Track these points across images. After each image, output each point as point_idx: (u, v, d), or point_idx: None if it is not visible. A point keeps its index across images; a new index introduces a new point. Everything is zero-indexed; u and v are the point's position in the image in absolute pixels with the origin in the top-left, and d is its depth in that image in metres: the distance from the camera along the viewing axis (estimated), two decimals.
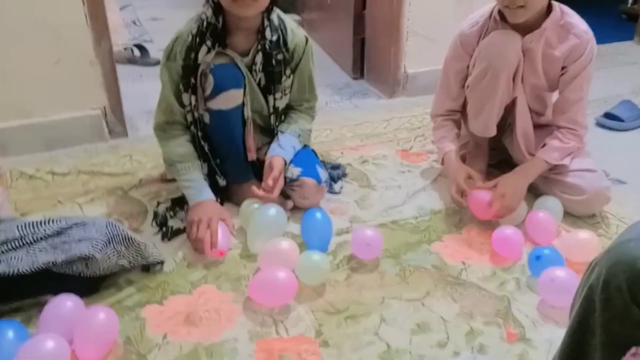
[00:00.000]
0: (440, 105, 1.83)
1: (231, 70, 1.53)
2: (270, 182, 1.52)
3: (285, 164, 1.59)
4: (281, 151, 1.60)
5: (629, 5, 3.54)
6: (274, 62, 1.55)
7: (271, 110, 1.62)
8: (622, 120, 2.24)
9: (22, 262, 1.23)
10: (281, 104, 1.63)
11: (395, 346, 1.21)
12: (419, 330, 1.25)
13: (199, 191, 1.54)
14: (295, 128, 1.66)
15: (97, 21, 1.97)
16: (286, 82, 1.60)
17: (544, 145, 1.66)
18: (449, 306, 1.32)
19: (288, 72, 1.59)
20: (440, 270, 1.44)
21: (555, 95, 1.73)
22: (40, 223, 1.32)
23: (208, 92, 1.52)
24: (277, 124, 1.66)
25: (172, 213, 1.60)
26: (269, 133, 1.68)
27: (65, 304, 1.19)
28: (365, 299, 1.34)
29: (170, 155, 1.59)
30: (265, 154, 1.62)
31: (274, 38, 1.54)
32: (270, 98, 1.61)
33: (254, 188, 1.53)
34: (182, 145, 1.58)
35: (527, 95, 1.68)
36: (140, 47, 3.00)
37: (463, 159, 1.84)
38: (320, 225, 1.50)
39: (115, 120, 2.11)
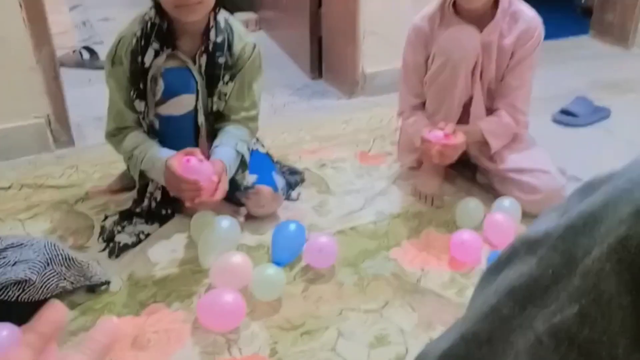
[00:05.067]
0: (405, 103, 1.80)
1: (182, 74, 1.46)
2: (215, 178, 1.33)
3: (226, 169, 1.42)
4: (221, 156, 1.44)
5: (582, 1, 3.57)
6: (214, 64, 1.48)
7: (209, 111, 1.53)
8: (576, 116, 2.25)
9: None
10: (218, 107, 1.53)
11: None
12: (377, 343, 1.22)
13: (162, 155, 1.39)
14: (230, 139, 1.49)
15: (37, 26, 1.87)
16: (223, 87, 1.50)
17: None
18: (408, 316, 1.29)
19: (227, 77, 1.50)
20: (399, 278, 1.41)
21: None
22: None
23: (158, 96, 1.45)
24: (215, 126, 1.55)
25: (120, 228, 1.52)
26: None
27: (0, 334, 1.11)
28: (322, 312, 1.30)
29: (126, 149, 1.49)
30: None
31: (219, 40, 1.48)
32: (209, 101, 1.52)
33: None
34: (136, 136, 1.49)
35: (484, 91, 1.67)
36: (90, 50, 2.88)
37: (420, 163, 1.81)
38: (293, 239, 1.46)
39: (60, 129, 2.01)
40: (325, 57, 2.66)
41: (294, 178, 1.78)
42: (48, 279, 1.23)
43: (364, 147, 2.07)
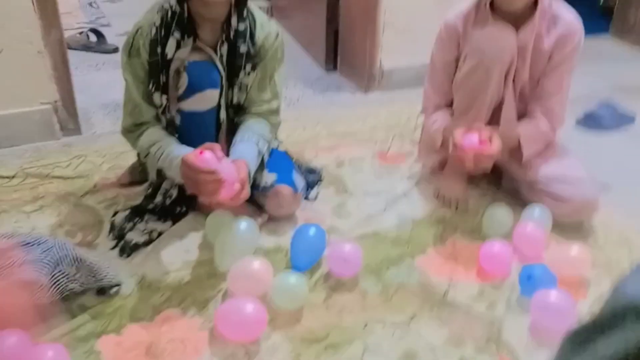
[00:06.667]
0: (429, 101, 1.70)
1: (207, 68, 1.38)
2: (237, 185, 1.28)
3: (250, 170, 1.35)
4: (244, 155, 1.37)
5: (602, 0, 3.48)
6: (236, 53, 1.40)
7: (229, 104, 1.45)
8: (601, 121, 2.18)
9: None
10: (239, 100, 1.45)
11: None
12: (406, 359, 1.15)
13: (179, 153, 1.30)
14: (252, 136, 1.42)
15: (45, 7, 1.77)
16: (245, 78, 1.42)
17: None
18: (437, 331, 1.22)
19: (248, 68, 1.42)
20: (426, 289, 1.34)
21: None
22: None
23: (181, 91, 1.36)
24: (235, 119, 1.48)
25: (131, 225, 1.44)
26: None
27: (8, 340, 1.03)
28: (347, 324, 1.23)
29: (142, 147, 1.41)
30: None
31: (241, 28, 1.39)
32: (230, 92, 1.44)
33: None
34: (153, 132, 1.40)
35: (516, 95, 1.59)
36: (97, 32, 2.78)
37: (442, 165, 1.74)
38: (313, 244, 1.38)
39: (67, 116, 1.92)
40: (341, 49, 2.57)
41: (312, 177, 1.70)
42: (57, 280, 1.15)
43: (382, 145, 1.99)
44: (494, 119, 1.62)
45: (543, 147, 1.59)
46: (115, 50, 2.75)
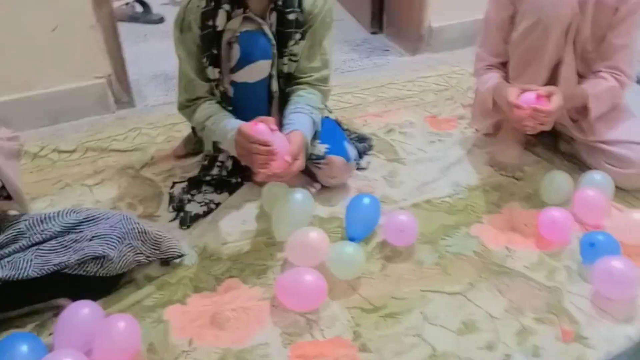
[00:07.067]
0: (482, 62, 1.64)
1: (258, 38, 1.37)
2: (288, 158, 1.27)
3: (307, 143, 1.37)
4: (299, 126, 1.37)
5: None
6: (285, 22, 1.38)
7: (280, 74, 1.45)
8: None
9: (32, 264, 1.13)
10: (289, 69, 1.45)
11: (441, 349, 1.11)
12: (466, 329, 1.15)
13: (234, 125, 1.30)
14: (305, 106, 1.41)
15: None
16: (294, 47, 1.41)
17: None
18: (495, 300, 1.22)
19: (298, 36, 1.40)
20: (483, 257, 1.33)
21: None
22: (49, 218, 1.22)
23: (233, 63, 1.37)
24: (286, 89, 1.48)
25: (189, 196, 1.48)
26: None
27: (82, 312, 1.09)
28: (404, 293, 1.24)
29: (198, 121, 1.42)
30: None
31: None
32: (280, 62, 1.43)
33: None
34: (208, 107, 1.42)
35: (577, 53, 1.51)
36: (142, 2, 2.80)
37: (497, 129, 1.70)
38: (368, 214, 1.39)
39: (120, 89, 1.96)
40: (387, 9, 2.50)
41: (362, 145, 1.69)
42: (125, 254, 1.20)
43: (432, 110, 1.95)
44: (552, 80, 1.56)
45: (609, 107, 1.52)
46: (161, 20, 2.76)
